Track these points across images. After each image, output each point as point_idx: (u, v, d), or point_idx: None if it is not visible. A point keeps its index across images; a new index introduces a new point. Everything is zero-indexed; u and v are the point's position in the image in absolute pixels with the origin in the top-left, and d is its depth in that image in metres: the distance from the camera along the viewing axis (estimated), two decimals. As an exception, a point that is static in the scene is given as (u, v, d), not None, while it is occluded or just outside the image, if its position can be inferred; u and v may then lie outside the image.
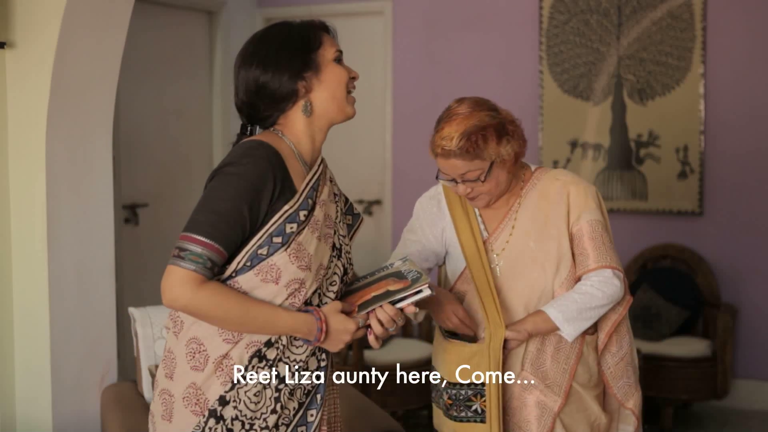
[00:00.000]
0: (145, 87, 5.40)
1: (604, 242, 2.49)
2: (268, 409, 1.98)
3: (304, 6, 6.23)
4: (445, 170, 2.44)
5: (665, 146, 5.38)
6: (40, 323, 3.10)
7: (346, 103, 2.10)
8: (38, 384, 3.13)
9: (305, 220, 1.99)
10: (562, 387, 2.49)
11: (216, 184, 1.95)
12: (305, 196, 2.01)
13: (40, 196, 3.08)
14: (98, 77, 3.23)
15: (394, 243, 6.06)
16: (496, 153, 2.41)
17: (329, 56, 2.08)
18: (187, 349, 1.98)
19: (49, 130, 3.07)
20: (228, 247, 1.92)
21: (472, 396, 2.47)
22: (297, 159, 2.05)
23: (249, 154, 1.96)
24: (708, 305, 5.14)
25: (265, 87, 2.03)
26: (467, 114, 2.41)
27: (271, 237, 1.95)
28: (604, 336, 2.56)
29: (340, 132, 6.30)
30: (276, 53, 2.03)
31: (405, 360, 4.67)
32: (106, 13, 3.15)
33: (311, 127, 2.07)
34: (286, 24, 2.09)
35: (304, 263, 1.96)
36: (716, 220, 5.32)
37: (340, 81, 2.08)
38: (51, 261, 3.09)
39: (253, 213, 1.93)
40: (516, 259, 2.50)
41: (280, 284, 1.95)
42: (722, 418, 5.11)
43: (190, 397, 1.96)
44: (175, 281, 1.89)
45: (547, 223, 2.50)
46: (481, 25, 5.78)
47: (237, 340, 1.96)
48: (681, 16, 5.30)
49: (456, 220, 2.57)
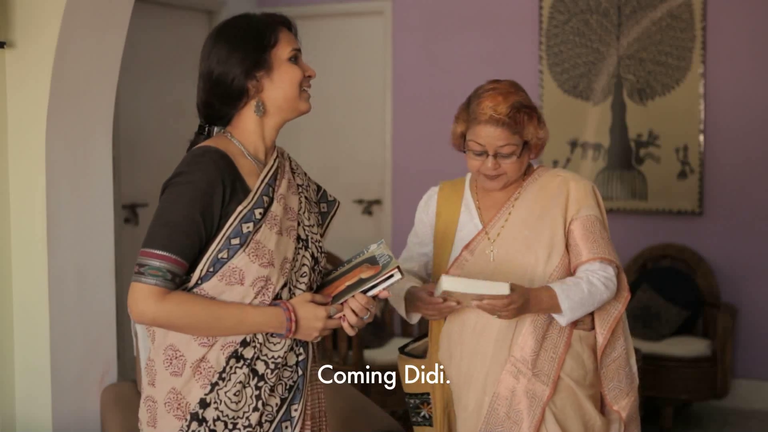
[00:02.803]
0: (145, 87, 5.39)
1: (602, 236, 2.52)
2: (250, 407, 2.00)
3: (304, 6, 6.23)
4: (483, 139, 2.46)
5: (665, 146, 5.38)
6: (40, 323, 3.10)
7: (299, 101, 2.10)
8: (38, 384, 3.13)
9: (261, 217, 2.00)
10: (550, 376, 2.49)
11: (167, 196, 1.99)
12: (260, 194, 2.02)
13: (40, 196, 3.07)
14: (98, 77, 3.23)
15: (394, 242, 6.06)
16: (533, 134, 2.49)
17: (284, 55, 2.06)
18: (164, 356, 2.01)
19: (49, 129, 3.07)
20: (187, 257, 1.95)
21: (420, 404, 2.69)
22: (248, 158, 2.06)
23: (195, 161, 1.99)
24: (708, 305, 5.14)
25: (219, 83, 2.04)
26: (513, 90, 2.49)
27: (229, 239, 1.97)
28: (606, 332, 2.55)
29: (341, 132, 6.33)
30: (230, 51, 2.03)
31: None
32: (106, 12, 3.15)
33: (262, 126, 2.08)
34: (246, 18, 2.08)
35: (266, 260, 1.98)
36: (716, 220, 5.32)
37: (293, 81, 2.06)
38: (51, 261, 3.09)
39: (207, 219, 1.96)
40: (509, 245, 2.53)
41: (246, 284, 1.98)
42: (722, 417, 5.11)
43: (172, 402, 1.99)
44: (138, 297, 1.93)
45: (544, 212, 2.53)
46: (480, 25, 5.78)
47: (212, 343, 1.98)
48: (681, 16, 5.30)
49: (439, 214, 2.64)
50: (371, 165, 6.20)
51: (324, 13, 6.25)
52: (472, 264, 2.54)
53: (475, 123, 2.47)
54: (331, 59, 6.22)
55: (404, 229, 6.02)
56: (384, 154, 6.11)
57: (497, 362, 2.50)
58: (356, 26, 6.22)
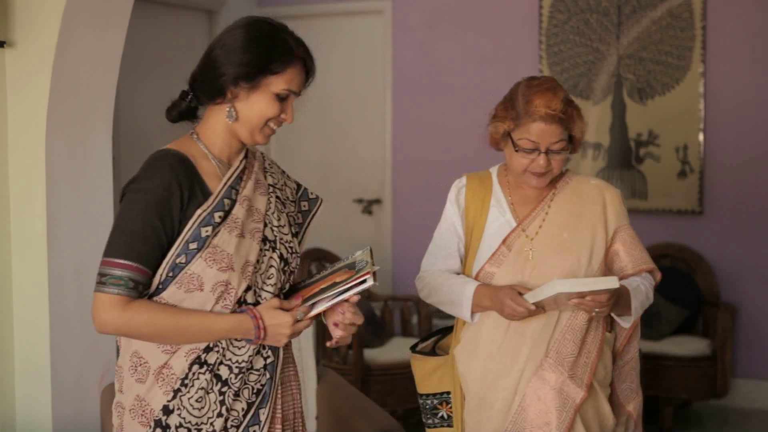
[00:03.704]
0: (145, 86, 5.39)
1: (641, 246, 2.61)
2: (214, 413, 1.97)
3: (305, 5, 6.23)
4: (536, 137, 2.44)
5: (665, 145, 5.38)
6: (40, 322, 3.10)
7: (258, 133, 2.03)
8: (38, 383, 3.13)
9: (221, 221, 1.96)
10: (584, 380, 2.49)
11: (125, 203, 1.97)
12: (221, 197, 1.99)
13: (40, 195, 3.08)
14: (98, 76, 3.23)
15: (394, 241, 6.06)
16: (580, 128, 2.53)
17: (275, 88, 1.99)
18: (130, 363, 1.99)
19: (49, 129, 3.07)
20: (148, 264, 1.93)
21: (438, 404, 2.62)
22: (211, 161, 2.03)
23: (152, 166, 1.97)
24: (708, 304, 5.14)
25: (210, 67, 2.00)
26: (557, 85, 2.51)
27: (188, 244, 1.94)
28: (627, 334, 2.62)
29: (341, 131, 6.32)
30: (240, 47, 1.98)
31: (404, 359, 4.67)
32: (105, 12, 3.15)
33: (230, 133, 2.04)
34: (278, 32, 2.02)
35: (224, 264, 1.94)
36: (716, 220, 5.32)
37: (262, 114, 2.00)
38: (51, 260, 3.09)
39: (167, 224, 1.93)
40: (547, 245, 2.52)
41: (205, 290, 1.94)
42: (722, 417, 5.11)
43: (136, 409, 1.97)
44: (99, 308, 1.92)
45: (582, 217, 2.54)
46: (480, 25, 5.78)
47: (175, 349, 1.96)
48: (681, 15, 5.30)
49: (468, 207, 2.59)
50: (371, 164, 6.20)
51: (324, 12, 6.25)
52: (511, 261, 2.51)
53: (527, 120, 2.44)
54: (331, 58, 6.22)
55: (404, 228, 6.05)
56: (384, 153, 6.11)
57: (532, 362, 2.48)
58: (356, 25, 6.22)
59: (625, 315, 2.52)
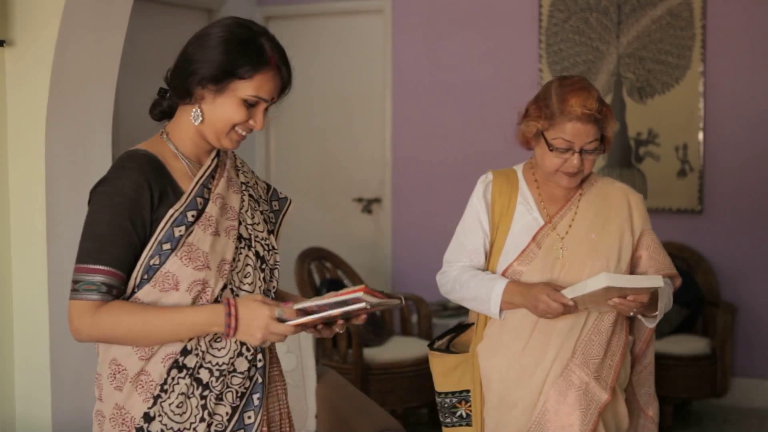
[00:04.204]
0: (145, 85, 5.37)
1: (664, 251, 2.63)
2: (197, 418, 1.92)
3: (305, 4, 6.22)
4: (571, 136, 2.42)
5: (665, 144, 5.38)
6: (40, 321, 3.10)
7: (224, 137, 1.97)
8: (38, 382, 3.13)
9: (194, 219, 1.92)
10: (608, 383, 2.50)
11: (92, 206, 1.93)
12: (193, 196, 1.94)
13: (40, 195, 3.07)
14: (98, 76, 3.23)
15: (394, 241, 6.06)
16: (612, 128, 2.49)
17: (242, 93, 1.92)
18: (109, 370, 1.96)
19: (49, 128, 3.07)
20: (121, 267, 1.89)
21: (457, 403, 2.59)
22: (181, 160, 2.00)
23: (120, 166, 1.95)
24: (707, 303, 5.14)
25: (180, 66, 1.96)
26: (590, 84, 2.49)
27: (161, 244, 1.89)
28: (645, 338, 2.62)
29: (340, 131, 6.32)
30: (215, 45, 1.93)
31: (404, 358, 4.68)
32: (105, 11, 3.15)
33: (198, 134, 2.00)
34: (254, 34, 1.95)
35: (200, 263, 1.90)
36: (716, 219, 5.32)
37: (228, 119, 1.94)
38: (50, 259, 3.09)
39: (138, 225, 1.89)
40: (578, 245, 2.51)
41: (181, 290, 1.90)
42: (721, 416, 5.12)
43: (116, 418, 1.94)
44: (73, 315, 1.89)
45: (609, 219, 2.54)
46: (480, 23, 5.78)
47: (150, 355, 1.91)
48: (681, 14, 5.30)
49: (494, 202, 2.56)
50: (371, 163, 6.20)
51: (324, 11, 6.25)
52: (541, 259, 2.50)
53: (563, 120, 2.42)
54: (331, 58, 6.22)
55: (404, 228, 6.04)
56: (384, 152, 6.11)
57: (559, 362, 2.47)
58: (356, 24, 6.22)
59: (650, 316, 2.52)
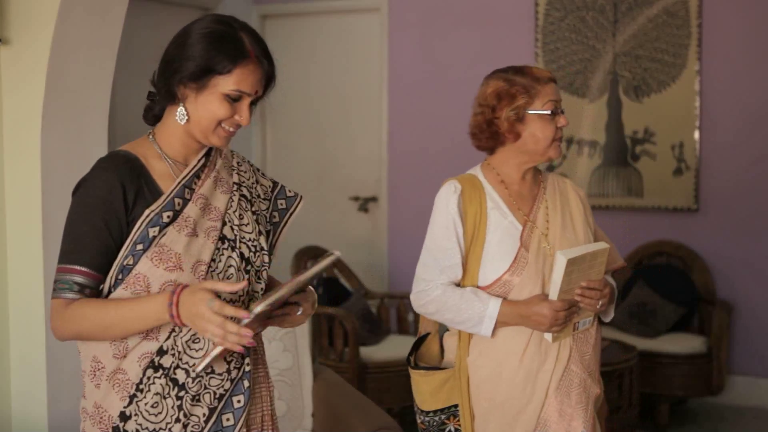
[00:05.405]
0: (141, 84, 5.37)
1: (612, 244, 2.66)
2: (172, 418, 1.92)
3: (301, 3, 6.22)
4: (555, 95, 2.48)
5: (661, 143, 5.39)
6: (36, 319, 3.10)
7: (211, 134, 1.96)
8: (34, 380, 3.13)
9: (170, 220, 1.92)
10: (595, 377, 2.55)
11: (71, 207, 1.96)
12: (173, 196, 1.94)
13: (36, 193, 3.07)
14: (94, 74, 3.22)
15: (390, 239, 6.06)
16: None
17: (223, 88, 1.91)
18: (90, 368, 1.97)
19: (44, 127, 3.06)
20: (97, 267, 1.91)
21: (446, 419, 2.51)
22: (164, 161, 1.99)
23: (98, 167, 1.96)
24: (703, 302, 5.15)
25: (165, 64, 1.97)
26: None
27: (135, 245, 1.90)
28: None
29: (336, 129, 6.32)
30: (192, 42, 1.92)
31: (401, 357, 4.68)
32: (101, 9, 3.14)
33: (186, 133, 1.99)
34: (233, 29, 1.94)
35: (172, 264, 1.89)
36: (712, 217, 5.33)
37: (212, 116, 1.93)
38: (46, 257, 3.09)
39: (113, 225, 1.90)
40: (560, 240, 2.51)
41: (152, 291, 1.89)
42: (717, 414, 5.13)
43: (95, 416, 1.95)
44: (52, 314, 1.94)
45: (572, 215, 2.58)
46: (476, 22, 5.78)
47: (124, 353, 1.92)
48: (677, 13, 5.31)
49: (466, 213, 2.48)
50: (367, 162, 6.20)
51: (320, 10, 6.25)
52: (533, 264, 2.45)
53: (540, 85, 2.45)
54: (327, 56, 6.22)
55: (400, 226, 6.04)
56: (380, 150, 6.12)
57: (561, 362, 2.47)
58: (353, 23, 6.22)
59: (606, 311, 2.60)
